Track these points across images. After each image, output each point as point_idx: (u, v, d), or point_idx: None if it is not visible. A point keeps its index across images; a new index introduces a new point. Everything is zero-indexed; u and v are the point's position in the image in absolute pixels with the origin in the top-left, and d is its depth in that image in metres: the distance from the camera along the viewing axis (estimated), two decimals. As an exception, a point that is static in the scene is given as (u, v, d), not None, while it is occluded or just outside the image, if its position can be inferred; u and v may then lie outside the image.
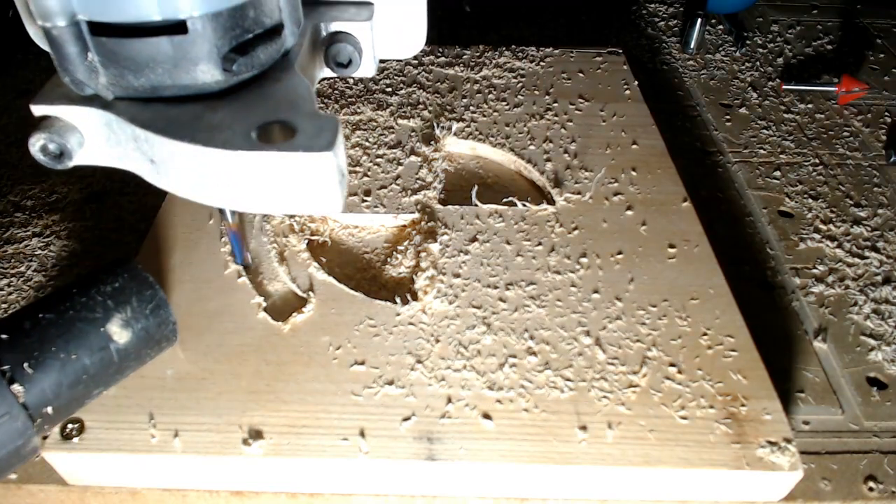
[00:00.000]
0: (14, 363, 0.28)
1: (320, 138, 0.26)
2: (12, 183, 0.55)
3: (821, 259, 0.50)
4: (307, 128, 0.27)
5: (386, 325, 0.40)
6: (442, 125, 0.55)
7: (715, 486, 0.34)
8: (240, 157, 0.26)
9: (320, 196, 0.27)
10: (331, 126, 0.27)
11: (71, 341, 0.29)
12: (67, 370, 0.29)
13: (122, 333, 0.31)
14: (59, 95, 0.30)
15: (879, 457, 0.38)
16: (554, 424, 0.35)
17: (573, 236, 0.46)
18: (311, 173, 0.27)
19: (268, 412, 0.35)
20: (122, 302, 0.31)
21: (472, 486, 0.35)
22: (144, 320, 0.32)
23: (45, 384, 0.29)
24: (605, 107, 0.58)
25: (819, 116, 0.65)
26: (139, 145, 0.29)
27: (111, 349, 0.31)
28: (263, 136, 0.27)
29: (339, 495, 0.36)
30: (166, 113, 0.28)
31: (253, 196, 0.28)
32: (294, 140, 0.27)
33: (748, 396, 0.37)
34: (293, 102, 0.29)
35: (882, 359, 0.43)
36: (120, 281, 0.32)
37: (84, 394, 0.31)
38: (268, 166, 0.27)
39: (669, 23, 0.80)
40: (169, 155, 0.28)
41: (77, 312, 0.30)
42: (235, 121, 0.28)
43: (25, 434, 0.28)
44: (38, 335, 0.29)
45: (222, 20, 0.28)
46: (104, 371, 0.31)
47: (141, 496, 0.36)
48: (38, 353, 0.29)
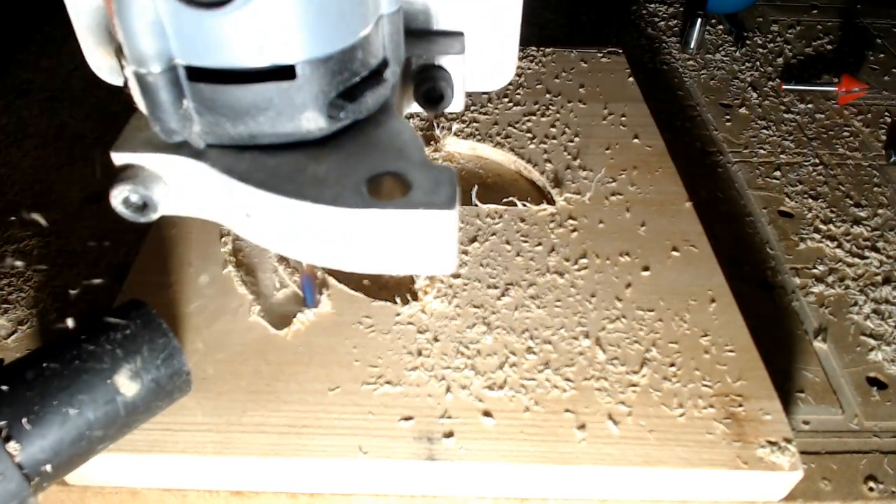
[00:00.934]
0: (12, 418, 0.26)
1: (439, 193, 0.24)
2: (12, 183, 0.55)
3: (821, 259, 0.50)
4: (422, 181, 0.25)
5: (386, 325, 0.40)
6: (442, 125, 0.55)
7: (715, 487, 0.34)
8: (352, 214, 0.24)
9: (435, 255, 0.25)
10: (448, 178, 0.25)
11: (75, 394, 0.28)
12: (69, 426, 0.27)
13: (130, 386, 0.29)
14: (142, 142, 0.27)
15: (879, 457, 0.38)
16: (554, 424, 0.35)
17: (573, 236, 0.46)
18: (428, 232, 0.25)
19: (268, 412, 0.35)
20: (133, 351, 0.29)
21: (472, 486, 0.35)
22: (155, 371, 0.30)
23: (44, 441, 0.27)
24: (605, 107, 0.58)
25: (819, 116, 0.65)
26: (234, 198, 0.26)
27: (118, 402, 0.29)
28: (375, 190, 0.25)
29: (339, 495, 0.36)
30: (265, 163, 0.26)
31: (359, 254, 0.26)
32: (410, 195, 0.24)
33: (748, 396, 0.37)
34: (401, 151, 0.26)
35: (882, 359, 0.43)
36: (131, 328, 0.30)
37: (87, 449, 0.29)
38: (381, 224, 0.24)
39: (669, 23, 0.80)
40: (269, 210, 0.25)
41: (83, 362, 0.28)
42: (343, 173, 0.25)
43: (20, 496, 0.26)
44: (41, 387, 0.27)
45: (332, 64, 0.25)
46: (110, 426, 0.29)
47: (141, 496, 0.36)
48: (38, 408, 0.27)
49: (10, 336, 0.43)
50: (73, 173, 0.56)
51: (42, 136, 0.59)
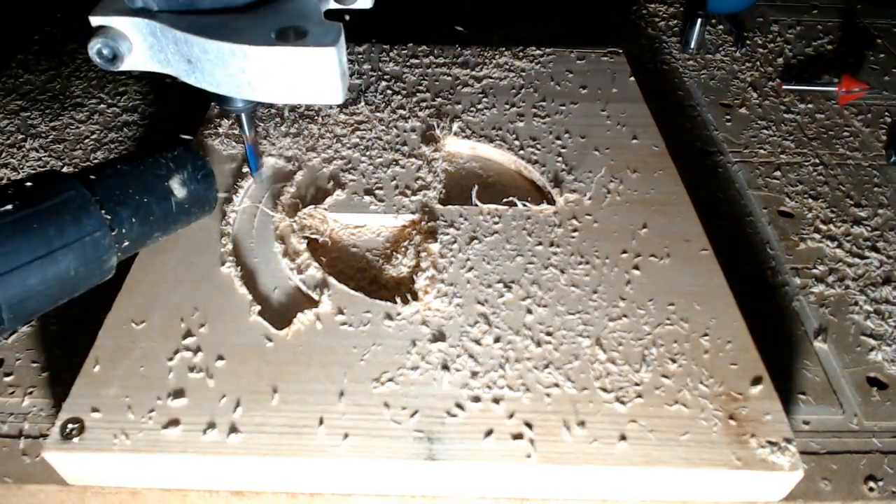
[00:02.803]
0: (104, 197, 0.35)
1: (327, 37, 0.33)
2: (12, 183, 0.55)
3: (821, 259, 0.50)
4: (316, 31, 0.34)
5: (386, 325, 0.40)
6: (442, 125, 0.55)
7: (715, 486, 0.34)
8: (262, 51, 0.33)
9: (325, 86, 0.34)
10: (335, 29, 0.34)
11: (143, 188, 0.37)
12: (141, 210, 0.36)
13: (180, 189, 0.38)
14: (113, 8, 0.36)
15: (879, 457, 0.38)
16: (554, 424, 0.35)
17: (573, 236, 0.46)
18: (318, 65, 0.34)
19: (268, 412, 0.35)
20: (181, 166, 0.39)
21: (472, 486, 0.35)
22: (196, 184, 0.39)
23: (124, 217, 0.35)
24: (606, 107, 0.58)
25: (819, 116, 0.65)
26: (178, 48, 0.35)
27: (171, 201, 0.38)
28: (281, 37, 0.33)
29: (340, 495, 0.36)
30: (201, 21, 0.35)
31: (270, 86, 0.34)
32: (306, 39, 0.33)
33: (748, 397, 0.37)
34: (304, 14, 0.35)
35: (882, 359, 0.43)
36: (178, 150, 0.39)
37: (147, 234, 0.37)
38: (284, 60, 0.33)
39: (669, 23, 0.80)
40: (203, 53, 0.34)
41: (148, 168, 0.38)
42: (257, 26, 0.34)
43: (110, 250, 0.34)
44: (119, 181, 0.36)
45: None
46: (164, 218, 0.38)
47: (141, 496, 0.36)
48: (119, 193, 0.35)
49: (11, 336, 0.43)
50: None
51: (42, 136, 0.60)
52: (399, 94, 0.59)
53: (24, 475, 0.36)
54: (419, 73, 0.61)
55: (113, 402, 0.36)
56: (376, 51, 0.64)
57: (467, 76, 0.61)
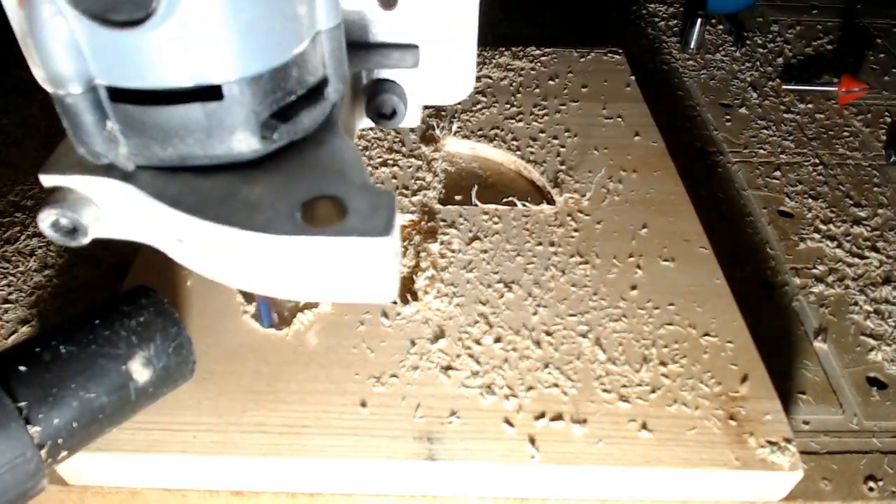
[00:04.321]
0: (32, 400, 0.26)
1: (375, 219, 0.23)
2: (12, 183, 0.55)
3: (821, 259, 0.50)
4: (360, 205, 0.23)
5: (386, 325, 0.40)
6: (442, 125, 0.55)
7: (715, 487, 0.34)
8: (283, 241, 0.23)
9: (373, 283, 0.24)
10: (386, 203, 0.23)
11: (91, 378, 0.28)
12: (84, 409, 0.28)
13: (143, 372, 0.29)
14: (71, 163, 0.26)
15: (879, 457, 0.38)
16: (554, 424, 0.35)
17: (573, 236, 0.46)
18: (365, 259, 0.23)
19: (268, 412, 0.35)
20: (147, 339, 0.30)
21: (472, 486, 0.35)
22: (166, 359, 0.30)
23: (61, 424, 0.27)
24: (605, 107, 0.58)
25: (819, 116, 0.65)
26: (165, 222, 0.25)
27: (130, 388, 0.29)
28: (309, 215, 0.23)
29: (340, 495, 0.36)
30: (197, 186, 0.24)
31: (295, 282, 0.24)
32: (346, 221, 0.23)
33: (748, 396, 0.37)
34: (340, 172, 0.25)
35: (882, 359, 0.43)
36: (145, 315, 0.30)
37: (96, 432, 0.29)
38: (315, 252, 0.23)
39: (669, 23, 0.80)
40: (200, 236, 0.24)
41: (100, 347, 0.28)
42: (277, 197, 0.24)
43: (36, 476, 0.27)
44: (59, 370, 0.27)
45: (262, 83, 0.24)
46: (119, 410, 0.30)
47: (141, 496, 0.36)
48: (56, 391, 0.27)
49: (11, 336, 0.43)
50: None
51: (42, 136, 0.59)
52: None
53: (23, 475, 0.36)
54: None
55: (113, 402, 0.36)
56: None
57: (467, 76, 0.61)
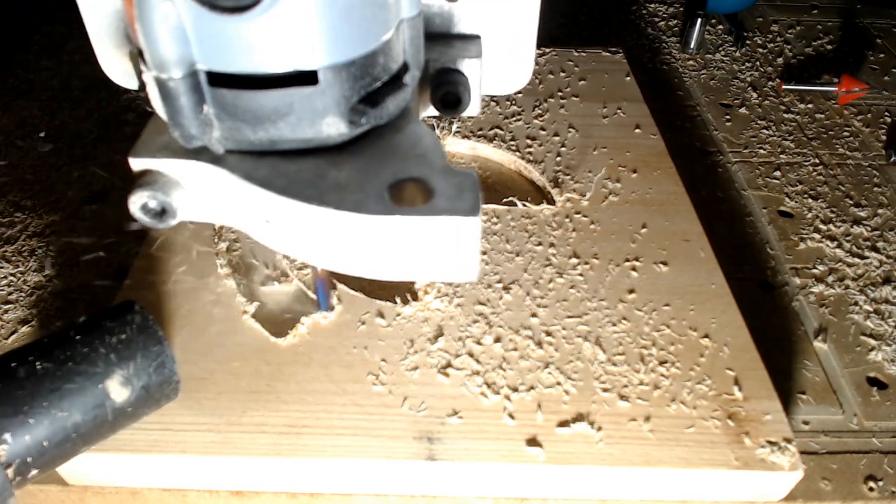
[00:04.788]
0: (1, 417, 0.25)
1: (462, 200, 0.24)
2: (12, 183, 0.55)
3: (821, 259, 0.50)
4: (445, 187, 0.25)
5: (386, 325, 0.40)
6: (441, 125, 0.55)
7: (715, 487, 0.34)
8: (375, 221, 0.24)
9: (457, 262, 0.25)
10: (471, 184, 0.25)
11: (65, 397, 0.27)
12: (57, 427, 0.27)
13: (120, 391, 0.28)
14: (160, 147, 0.27)
15: (879, 457, 0.38)
16: (554, 424, 0.35)
17: (573, 236, 0.46)
18: (451, 239, 0.24)
19: (268, 412, 0.35)
20: (126, 357, 0.29)
21: (472, 486, 0.35)
22: (147, 378, 0.29)
23: (30, 442, 0.26)
24: (605, 106, 0.58)
25: (819, 116, 0.65)
26: (253, 204, 0.26)
27: (106, 407, 0.28)
28: (397, 196, 0.24)
29: (340, 495, 0.36)
30: (285, 169, 0.26)
31: (381, 261, 0.25)
32: (433, 202, 0.24)
33: (748, 396, 0.37)
34: (423, 156, 0.26)
35: (882, 359, 0.43)
36: (127, 332, 0.29)
37: (70, 451, 0.28)
38: (404, 231, 0.24)
39: (669, 22, 0.80)
40: (289, 216, 0.25)
41: (77, 365, 0.28)
42: (364, 179, 0.25)
43: (2, 495, 0.26)
44: (32, 386, 0.26)
45: (354, 69, 0.25)
46: (95, 430, 0.28)
47: (141, 496, 0.36)
48: (27, 408, 0.26)
49: (11, 336, 0.43)
50: (73, 173, 0.56)
51: (42, 135, 0.59)
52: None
53: (23, 475, 0.36)
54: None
55: (113, 402, 0.36)
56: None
57: (467, 76, 0.61)
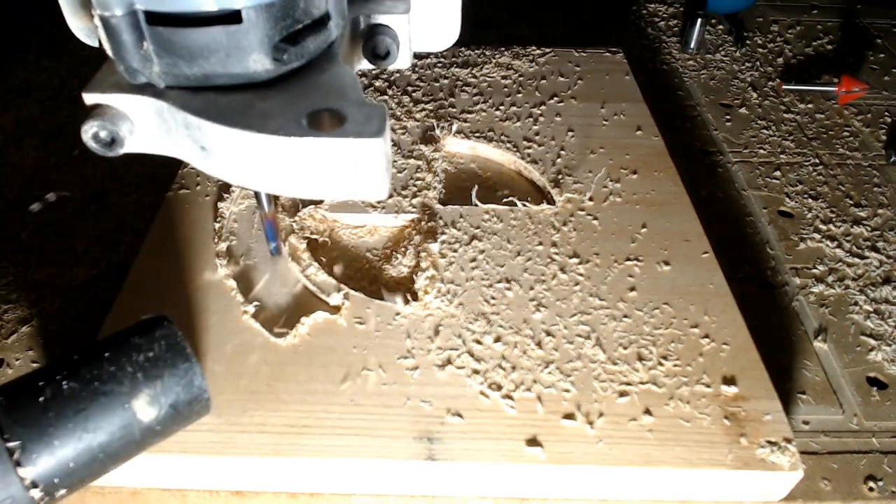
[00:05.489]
0: (25, 439, 0.25)
1: (370, 125, 0.27)
2: (12, 182, 0.55)
3: (821, 259, 0.50)
4: (356, 115, 0.28)
5: (386, 325, 0.40)
6: (442, 125, 0.55)
7: (715, 486, 0.34)
8: (292, 143, 0.27)
9: (368, 181, 0.28)
10: (379, 113, 0.28)
11: (91, 418, 0.27)
12: (83, 448, 0.26)
13: (148, 411, 0.28)
14: (111, 84, 0.30)
15: (879, 457, 0.38)
16: (554, 424, 0.35)
17: (573, 236, 0.46)
18: (360, 159, 0.28)
19: (268, 412, 0.35)
20: (154, 376, 0.28)
21: (472, 486, 0.35)
22: (174, 396, 0.29)
23: (56, 464, 0.26)
24: (605, 106, 0.58)
25: (819, 116, 0.65)
26: (191, 132, 0.29)
27: (134, 426, 0.28)
28: (314, 123, 0.28)
29: (340, 495, 0.36)
30: (217, 101, 0.29)
31: (301, 181, 0.29)
32: (344, 127, 0.28)
33: (748, 396, 0.36)
34: (341, 91, 0.30)
35: (882, 359, 0.43)
36: (155, 349, 0.29)
37: (98, 471, 0.28)
38: (318, 152, 0.28)
39: (669, 23, 0.80)
40: (220, 141, 0.29)
41: (103, 384, 0.27)
42: (286, 109, 0.29)
43: None
44: (56, 408, 0.26)
45: (275, 10, 0.28)
46: (123, 450, 0.28)
47: (141, 496, 0.36)
48: (52, 429, 0.26)
49: (11, 336, 0.43)
50: (73, 173, 0.56)
51: (42, 136, 0.59)
52: (398, 94, 0.59)
53: (23, 475, 0.36)
54: (419, 72, 0.61)
55: (113, 402, 0.36)
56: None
57: (467, 76, 0.61)
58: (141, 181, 0.55)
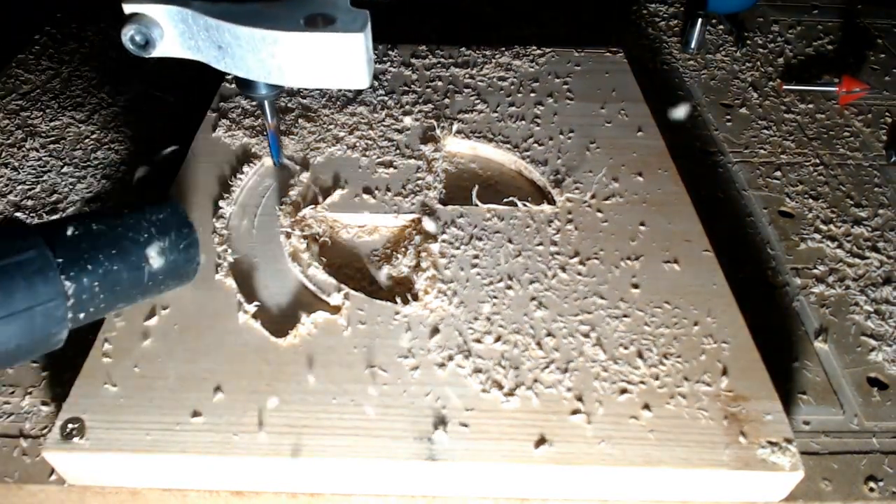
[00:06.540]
0: (66, 259, 0.30)
1: (355, 24, 0.36)
2: (13, 183, 0.55)
3: (821, 259, 0.50)
4: (344, 17, 0.36)
5: (386, 325, 0.40)
6: (442, 125, 0.55)
7: (715, 487, 0.34)
8: (291, 37, 0.35)
9: (352, 71, 0.37)
10: (362, 16, 0.36)
11: (115, 254, 0.32)
12: (107, 278, 0.32)
13: (157, 259, 0.34)
14: None
15: (880, 457, 0.38)
16: (555, 424, 0.35)
17: (573, 236, 0.46)
18: (346, 51, 0.36)
19: (268, 412, 0.35)
20: (163, 232, 0.34)
21: (473, 486, 0.35)
22: (177, 254, 0.35)
23: (86, 284, 0.31)
24: (606, 106, 0.58)
25: (820, 116, 0.65)
26: (210, 34, 0.37)
27: (145, 270, 0.33)
28: (310, 23, 0.36)
29: (340, 495, 0.36)
30: (232, 8, 0.37)
31: (298, 71, 0.37)
32: (334, 25, 0.36)
33: (748, 397, 0.36)
34: (332, 2, 0.37)
35: (882, 359, 0.43)
36: (164, 214, 0.35)
37: (112, 302, 0.33)
38: (313, 45, 0.36)
39: (670, 23, 0.80)
40: (234, 39, 0.36)
41: (125, 230, 0.33)
42: (288, 13, 0.36)
43: (62, 323, 0.30)
44: (90, 241, 0.32)
45: None
46: (133, 288, 0.33)
47: (141, 496, 0.36)
48: (87, 257, 0.31)
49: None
50: (74, 174, 0.56)
51: (43, 136, 0.59)
52: (399, 94, 0.59)
53: (24, 475, 0.36)
54: (419, 72, 0.61)
55: (113, 403, 0.36)
56: (377, 51, 0.64)
57: (467, 76, 0.61)
58: (140, 181, 0.55)
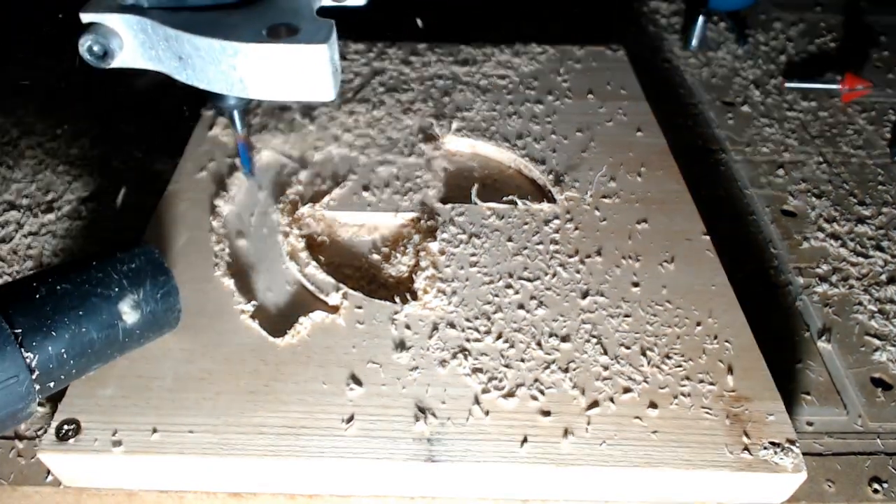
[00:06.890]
0: (27, 328, 0.28)
1: (319, 34, 0.34)
2: (9, 182, 0.54)
3: (825, 258, 0.50)
4: (308, 28, 0.34)
5: (385, 325, 0.40)
6: (441, 123, 0.55)
7: (717, 488, 0.34)
8: (253, 48, 0.33)
9: (317, 83, 0.34)
10: (327, 26, 0.34)
11: (84, 315, 0.30)
12: (75, 342, 0.30)
13: (131, 314, 0.32)
14: (104, 5, 0.36)
15: (884, 458, 0.38)
16: (555, 424, 0.35)
17: (574, 235, 0.45)
18: (310, 63, 0.34)
19: (267, 412, 0.35)
20: (137, 284, 0.32)
21: (473, 486, 0.35)
22: (154, 304, 0.33)
23: (52, 353, 0.29)
24: (606, 104, 0.57)
25: (822, 114, 0.64)
26: (170, 44, 0.35)
27: (118, 327, 0.31)
28: (272, 34, 0.34)
29: (338, 497, 0.36)
30: (193, 18, 0.35)
31: (261, 84, 0.35)
32: (297, 36, 0.33)
33: (751, 397, 0.36)
34: (296, 11, 0.35)
35: (887, 359, 0.43)
36: (137, 262, 0.33)
37: (85, 367, 0.31)
38: (276, 57, 0.33)
39: (671, 20, 0.80)
40: (194, 50, 0.34)
41: (93, 287, 0.31)
42: (249, 23, 0.35)
43: (27, 399, 0.29)
44: (53, 304, 0.30)
45: None
46: (107, 348, 0.32)
47: (138, 498, 0.36)
48: (51, 322, 0.29)
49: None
50: (73, 173, 0.55)
51: (42, 136, 0.59)
52: (398, 93, 0.58)
53: (19, 477, 0.36)
54: (419, 71, 0.61)
55: (109, 404, 0.35)
56: (376, 49, 0.64)
57: (467, 74, 0.61)
58: (139, 181, 0.54)
